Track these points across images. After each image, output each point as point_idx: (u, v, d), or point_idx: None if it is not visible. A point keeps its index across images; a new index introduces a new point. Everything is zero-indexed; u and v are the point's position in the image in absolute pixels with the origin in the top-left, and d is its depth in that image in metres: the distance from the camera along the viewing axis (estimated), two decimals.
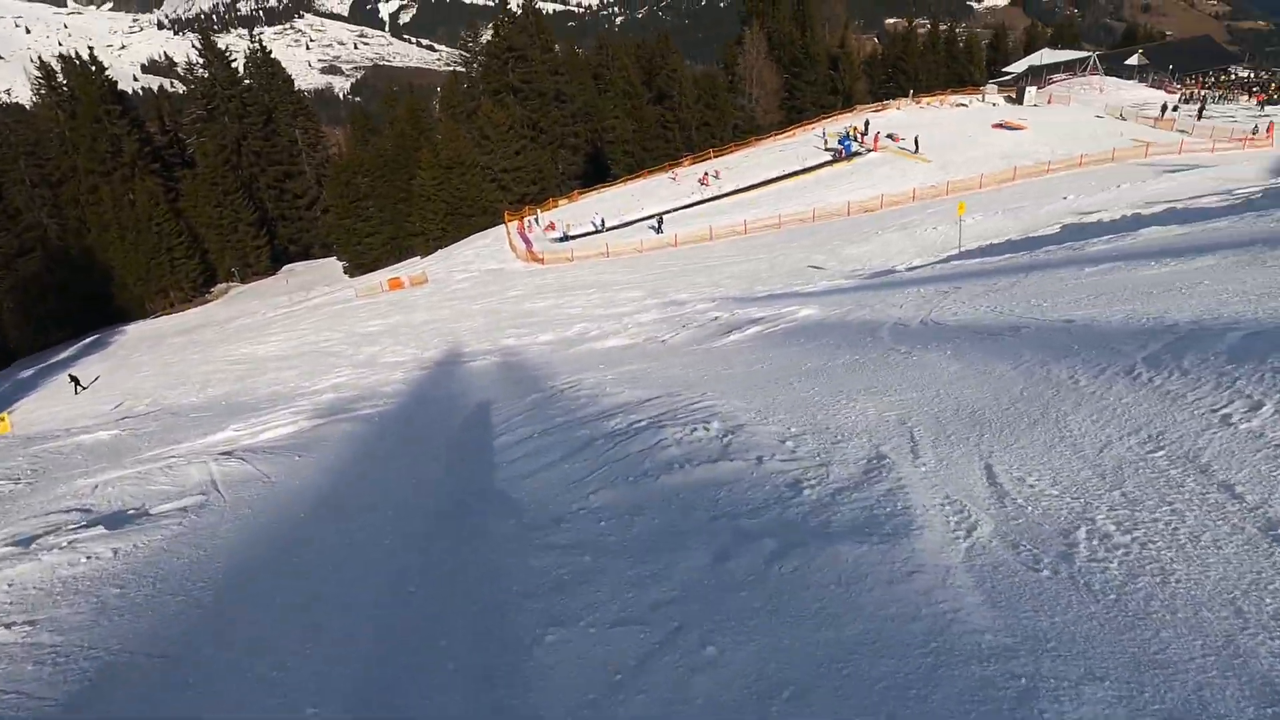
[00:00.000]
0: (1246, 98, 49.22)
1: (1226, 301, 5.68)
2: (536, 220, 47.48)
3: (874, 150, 46.31)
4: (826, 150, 48.06)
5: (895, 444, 3.92)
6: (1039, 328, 6.13)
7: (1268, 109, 45.27)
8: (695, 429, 4.72)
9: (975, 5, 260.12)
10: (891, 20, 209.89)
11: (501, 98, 59.34)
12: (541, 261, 38.98)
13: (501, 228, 48.93)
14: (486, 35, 67.89)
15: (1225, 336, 4.30)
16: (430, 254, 52.11)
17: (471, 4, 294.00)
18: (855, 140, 47.67)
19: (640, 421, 5.36)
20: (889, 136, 47.08)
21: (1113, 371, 4.26)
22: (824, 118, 55.78)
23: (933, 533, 2.88)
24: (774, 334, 9.97)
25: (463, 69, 70.62)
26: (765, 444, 4.26)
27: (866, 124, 49.26)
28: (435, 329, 24.80)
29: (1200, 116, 44.34)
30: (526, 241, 43.51)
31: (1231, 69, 57.89)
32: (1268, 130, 37.84)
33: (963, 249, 21.13)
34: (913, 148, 45.03)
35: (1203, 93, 50.22)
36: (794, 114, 62.91)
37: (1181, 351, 4.23)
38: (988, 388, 4.63)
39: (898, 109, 54.40)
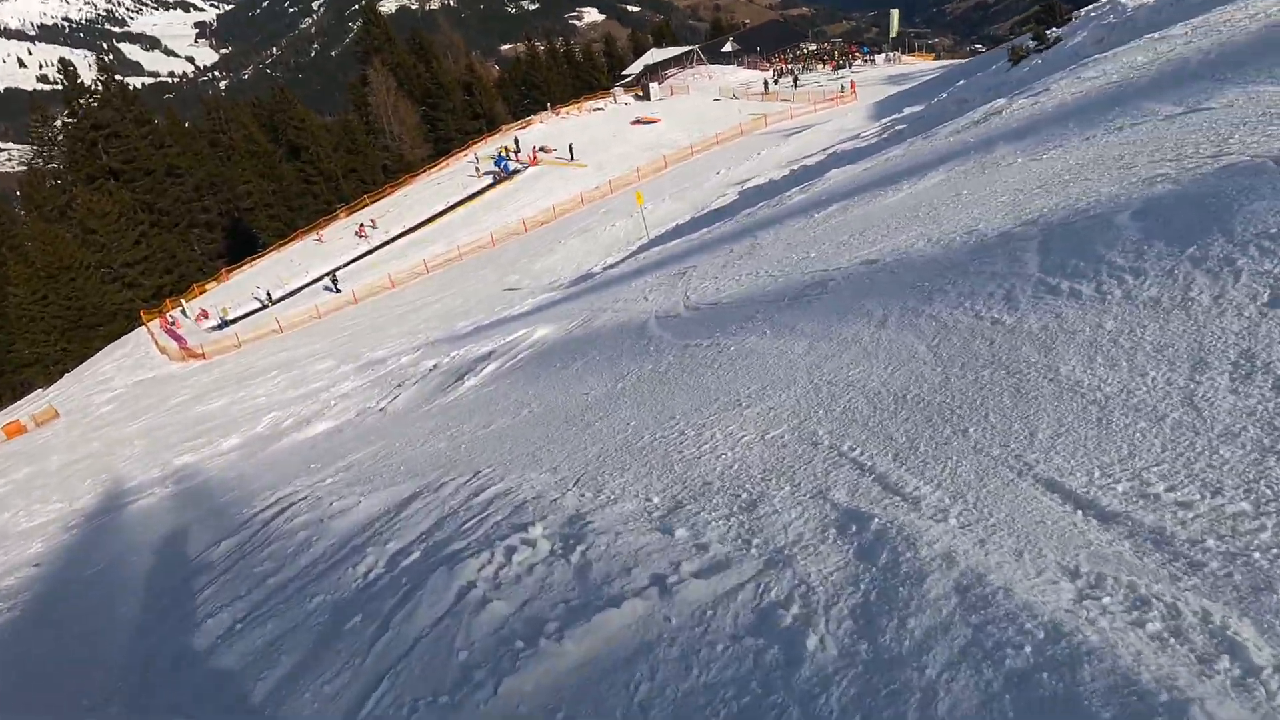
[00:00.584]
0: (823, 66, 57.36)
1: (1020, 202, 5.08)
2: (184, 312, 40.78)
3: (532, 164, 46.28)
4: (485, 174, 47.06)
5: (849, 486, 2.43)
6: (846, 277, 5.14)
7: (841, 72, 53.17)
8: (511, 547, 2.81)
9: (577, 24, 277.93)
10: (506, 46, 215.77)
11: (100, 184, 50.22)
12: (203, 356, 33.17)
13: (142, 330, 41.26)
14: (62, 119, 57.00)
15: (1114, 221, 3.46)
16: (55, 382, 42.48)
17: (35, 90, 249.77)
18: (511, 158, 47.30)
19: (410, 555, 3.31)
20: (542, 149, 47.36)
21: (1029, 297, 3.21)
22: (474, 143, 54.70)
23: (1204, 686, 1.30)
24: (518, 367, 8.26)
25: (40, 161, 58.78)
26: (646, 547, 2.46)
27: (517, 141, 49.15)
28: (84, 470, 19.34)
29: (796, 86, 50.50)
30: (177, 338, 36.98)
31: (802, 45, 67.36)
32: (851, 88, 43.98)
33: (653, 236, 21.07)
34: (568, 156, 45.72)
35: (791, 67, 57.46)
36: (442, 144, 61.20)
37: (1093, 253, 3.30)
38: (879, 361, 3.38)
39: (541, 122, 55.03)
